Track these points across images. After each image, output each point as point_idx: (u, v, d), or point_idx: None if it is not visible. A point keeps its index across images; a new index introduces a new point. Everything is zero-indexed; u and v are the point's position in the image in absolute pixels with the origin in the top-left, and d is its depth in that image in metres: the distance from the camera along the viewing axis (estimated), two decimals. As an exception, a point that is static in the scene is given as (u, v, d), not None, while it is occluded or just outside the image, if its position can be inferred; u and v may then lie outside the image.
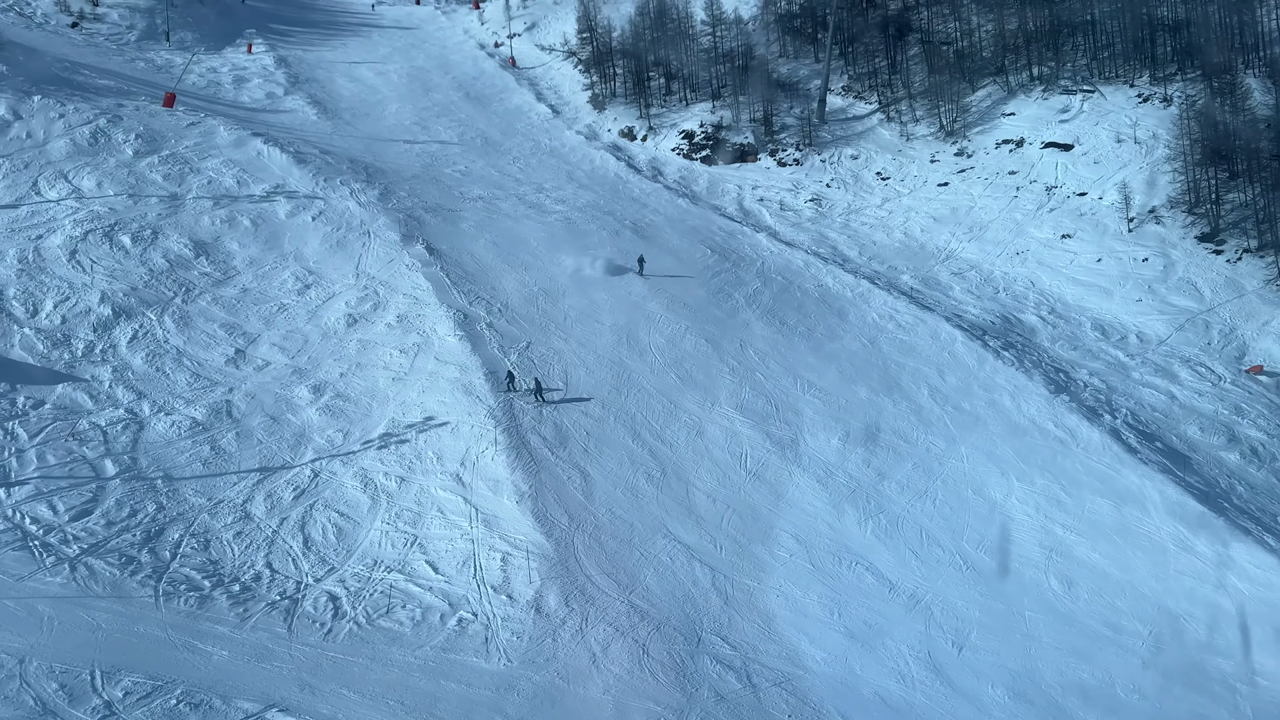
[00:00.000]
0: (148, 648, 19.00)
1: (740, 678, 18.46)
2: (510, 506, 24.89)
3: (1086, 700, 17.48)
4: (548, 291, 35.60)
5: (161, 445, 27.37)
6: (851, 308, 36.31)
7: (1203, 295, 37.80)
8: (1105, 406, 30.32)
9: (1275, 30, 45.32)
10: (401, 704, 17.28)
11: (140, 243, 36.26)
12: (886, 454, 27.39)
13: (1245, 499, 26.08)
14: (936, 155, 49.19)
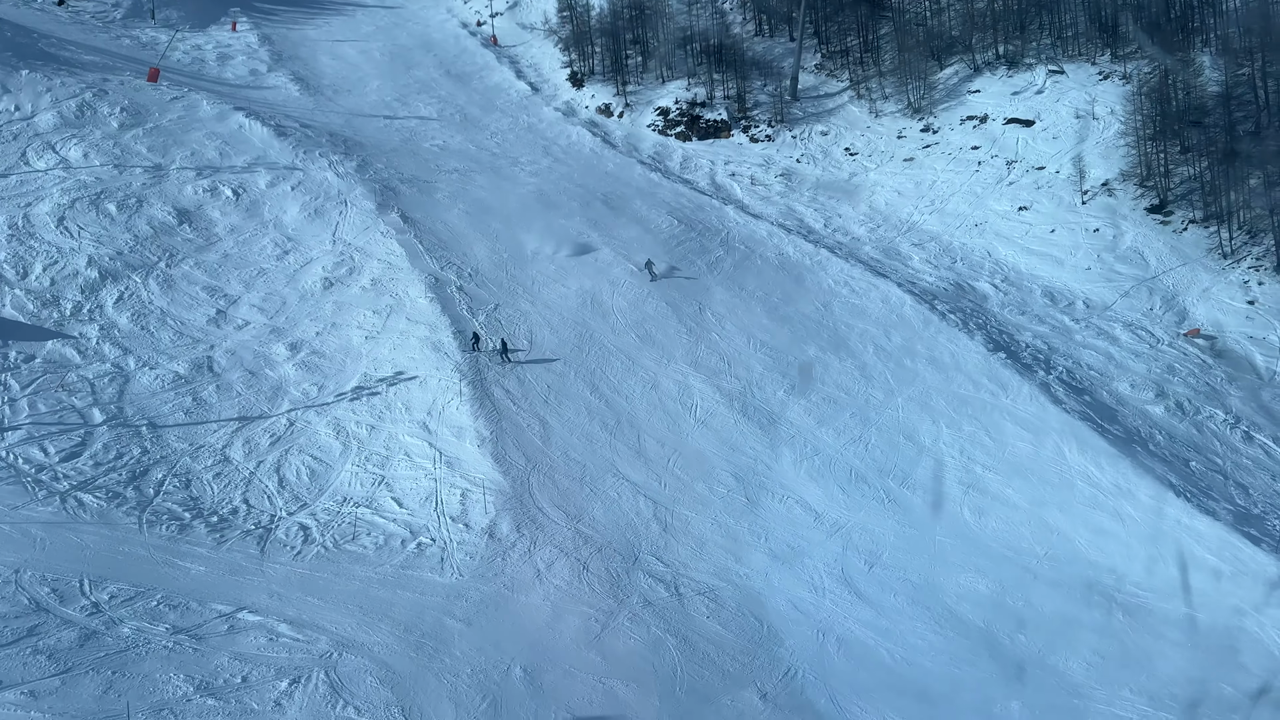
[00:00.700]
0: (131, 563, 21.40)
1: (669, 589, 20.90)
2: (472, 450, 27.28)
3: (977, 606, 19.91)
4: (517, 258, 37.92)
5: (146, 396, 29.73)
6: (809, 274, 38.65)
7: (1149, 263, 40.18)
8: (1042, 364, 32.72)
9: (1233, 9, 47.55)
10: (360, 608, 19.70)
11: (125, 210, 38.52)
12: (827, 404, 29.81)
13: (1162, 445, 28.52)
14: (903, 131, 51.50)
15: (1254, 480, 27.76)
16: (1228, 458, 28.88)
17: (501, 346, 31.49)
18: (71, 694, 15.84)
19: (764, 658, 18.26)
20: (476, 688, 16.83)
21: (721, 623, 19.55)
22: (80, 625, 18.20)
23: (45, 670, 16.55)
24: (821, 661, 18.14)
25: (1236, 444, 29.81)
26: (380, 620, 19.16)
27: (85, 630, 18.03)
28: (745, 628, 19.34)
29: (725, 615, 19.81)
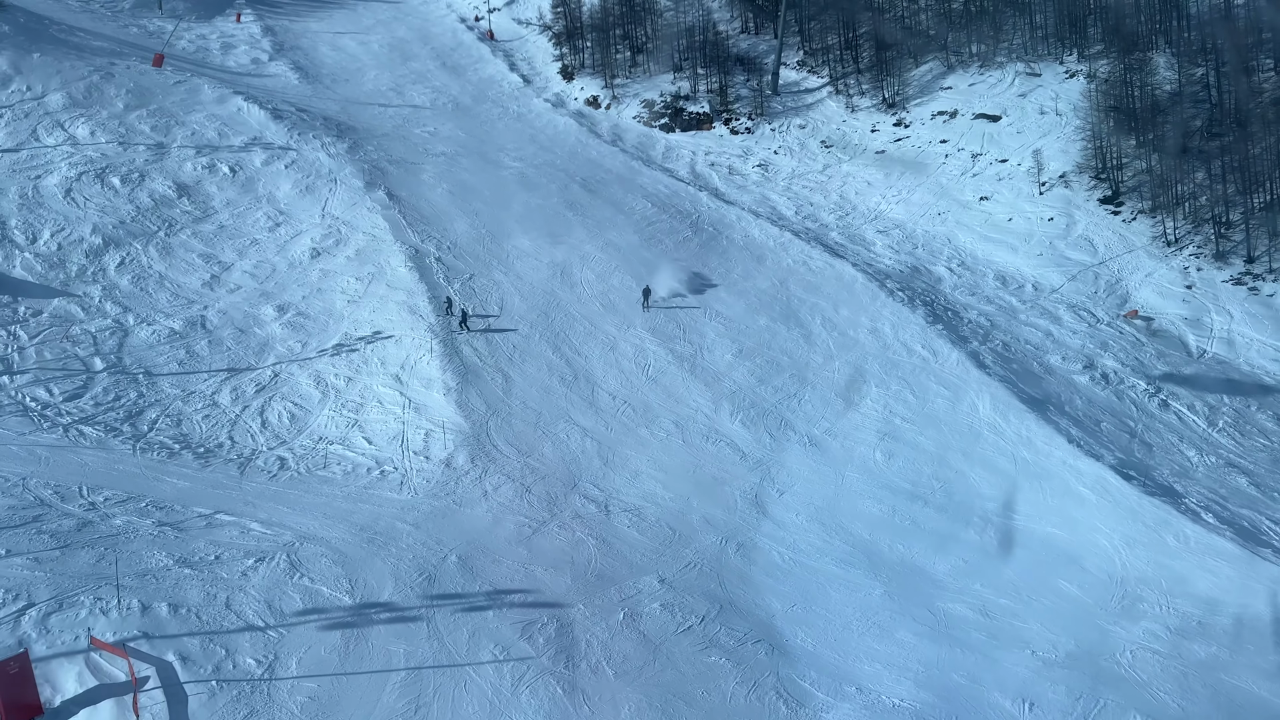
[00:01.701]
0: (125, 477, 24.81)
1: (600, 507, 24.19)
2: (438, 398, 30.64)
3: (867, 524, 23.08)
4: (494, 234, 41.39)
5: (143, 348, 33.27)
6: (770, 255, 41.94)
7: (1097, 250, 43.31)
8: (979, 337, 35.88)
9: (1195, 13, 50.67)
10: (323, 514, 23.04)
11: (129, 184, 42.20)
12: (769, 367, 33.07)
13: (1078, 408, 31.62)
14: (877, 125, 54.78)
15: (1160, 440, 30.83)
16: (1141, 420, 31.95)
17: (461, 316, 34.56)
18: (69, 562, 19.20)
19: (669, 555, 21.49)
20: (415, 568, 20.11)
21: (639, 531, 22.81)
22: (78, 517, 21.60)
23: (48, 545, 19.93)
24: (719, 559, 21.34)
25: (1153, 410, 32.86)
26: (340, 522, 22.50)
27: (82, 520, 21.43)
28: (659, 535, 22.58)
29: (644, 526, 23.07)
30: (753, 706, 15.90)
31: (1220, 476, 28.89)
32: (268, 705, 15.48)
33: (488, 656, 16.85)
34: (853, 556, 21.61)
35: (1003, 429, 28.24)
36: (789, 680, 16.60)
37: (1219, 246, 41.58)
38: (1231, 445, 31.48)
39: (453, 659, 16.82)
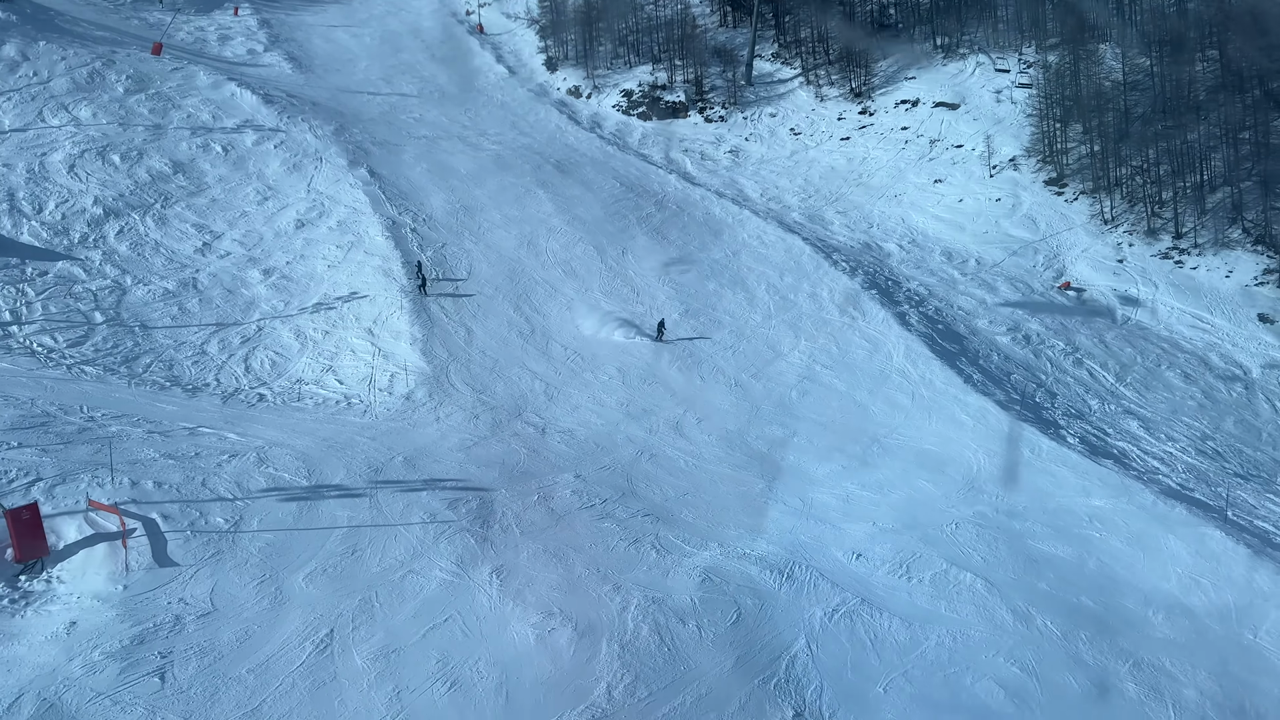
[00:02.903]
0: (120, 402, 28.96)
1: (537, 430, 28.24)
2: (405, 347, 34.76)
3: (769, 443, 27.02)
4: (468, 208, 45.65)
5: (139, 305, 37.50)
6: (727, 230, 46.07)
7: (1039, 228, 47.27)
8: (913, 303, 39.82)
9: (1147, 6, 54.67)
10: (293, 431, 27.15)
11: (128, 161, 46.61)
12: (712, 324, 37.12)
13: (993, 362, 35.53)
14: (843, 114, 58.90)
15: (1067, 391, 34.71)
16: (1052, 375, 35.85)
17: (421, 280, 38.51)
18: (71, 453, 23.34)
19: (589, 460, 25.49)
20: (365, 464, 24.18)
21: (568, 445, 26.84)
22: (78, 424, 25.78)
23: (53, 441, 24.10)
24: (632, 464, 25.33)
25: (1066, 367, 36.76)
26: (306, 435, 26.61)
27: (82, 427, 25.60)
28: (583, 448, 26.61)
29: (573, 442, 27.11)
30: (630, 554, 19.85)
31: (1113, 419, 32.74)
32: (232, 548, 19.55)
33: (416, 520, 20.89)
34: (747, 463, 25.59)
35: (910, 373, 32.20)
36: (664, 538, 20.55)
37: (1150, 224, 45.49)
38: (1134, 397, 35.35)
39: (388, 520, 20.87)
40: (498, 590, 18.26)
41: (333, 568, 18.97)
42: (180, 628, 17.00)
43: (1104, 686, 16.58)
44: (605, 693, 15.79)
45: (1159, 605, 18.96)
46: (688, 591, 18.41)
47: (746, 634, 17.40)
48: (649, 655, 16.61)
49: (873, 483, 23.95)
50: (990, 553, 20.29)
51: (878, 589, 18.97)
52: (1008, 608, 18.47)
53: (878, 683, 16.49)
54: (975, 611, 18.35)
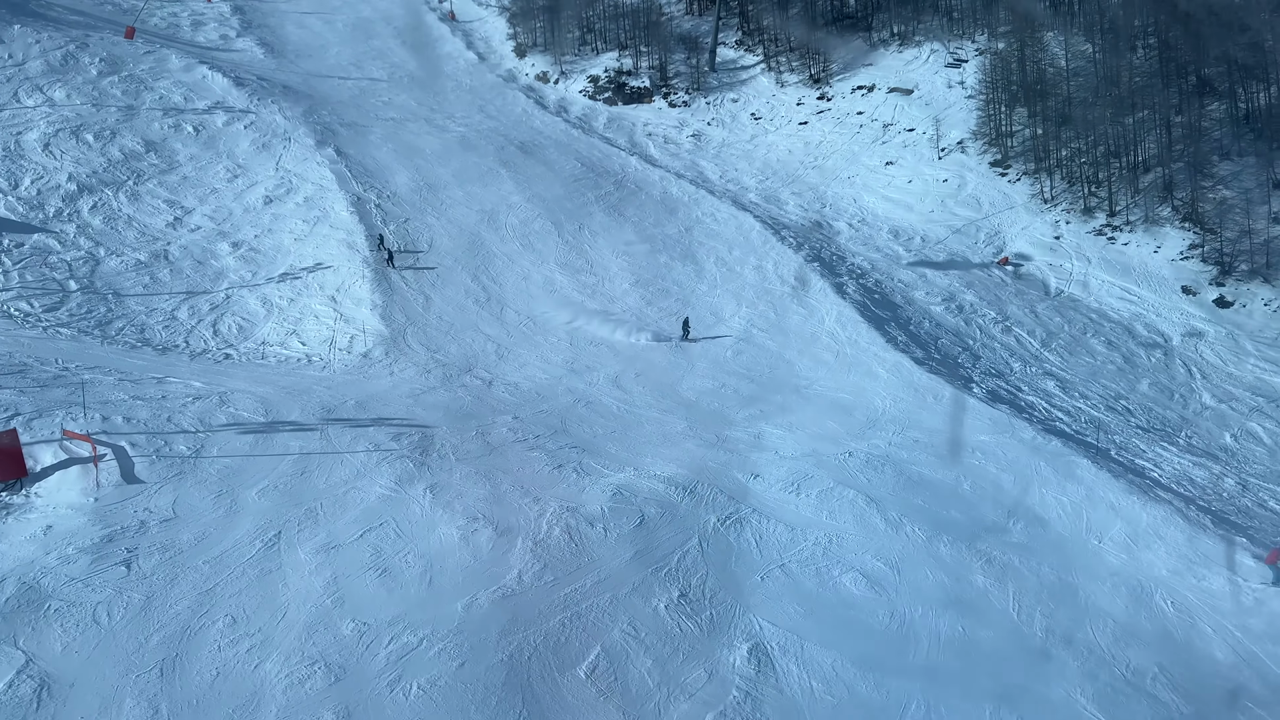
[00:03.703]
0: (93, 357, 31.48)
1: (484, 383, 30.93)
2: (366, 312, 37.39)
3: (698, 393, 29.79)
4: (431, 186, 48.28)
5: (112, 275, 39.99)
6: (683, 208, 48.84)
7: (982, 207, 50.20)
8: (853, 275, 42.64)
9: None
10: (255, 380, 29.75)
11: (101, 140, 49.05)
12: (660, 294, 39.88)
13: (924, 329, 38.37)
14: (802, 99, 61.76)
15: (991, 355, 37.60)
16: (980, 340, 38.74)
17: (388, 255, 41.15)
18: (46, 394, 25.86)
19: (527, 407, 28.19)
20: (318, 406, 26.79)
21: (511, 395, 29.55)
22: (54, 373, 28.31)
23: (30, 385, 26.62)
24: (568, 410, 28.03)
25: (995, 334, 39.67)
26: (266, 384, 29.23)
27: (57, 375, 28.14)
28: (525, 397, 29.31)
29: (516, 392, 29.83)
30: (553, 476, 22.53)
31: (1031, 380, 35.64)
32: (194, 470, 22.16)
33: (362, 449, 23.53)
34: (674, 409, 28.33)
35: (839, 335, 35.04)
36: (586, 464, 23.24)
37: (1087, 203, 48.48)
38: (1057, 361, 38.28)
39: (335, 449, 23.51)
40: (430, 502, 20.94)
41: (283, 485, 21.60)
42: (145, 530, 19.61)
43: (956, 577, 19.32)
44: (517, 577, 18.47)
45: (1019, 517, 21.76)
46: (599, 502, 21.10)
47: (647, 535, 20.11)
48: (558, 550, 19.30)
49: (785, 423, 26.70)
50: (875, 475, 23.04)
51: (769, 502, 21.70)
52: (882, 517, 21.22)
53: (757, 573, 19.22)
54: (852, 520, 21.09)
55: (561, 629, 17.18)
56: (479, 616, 17.32)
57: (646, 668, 16.55)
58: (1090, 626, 18.29)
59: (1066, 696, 16.63)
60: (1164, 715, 16.34)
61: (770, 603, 18.25)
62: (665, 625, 17.52)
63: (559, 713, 15.48)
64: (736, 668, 16.71)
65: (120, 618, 17.06)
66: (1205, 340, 40.83)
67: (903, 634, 17.71)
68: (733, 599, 18.28)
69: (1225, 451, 32.80)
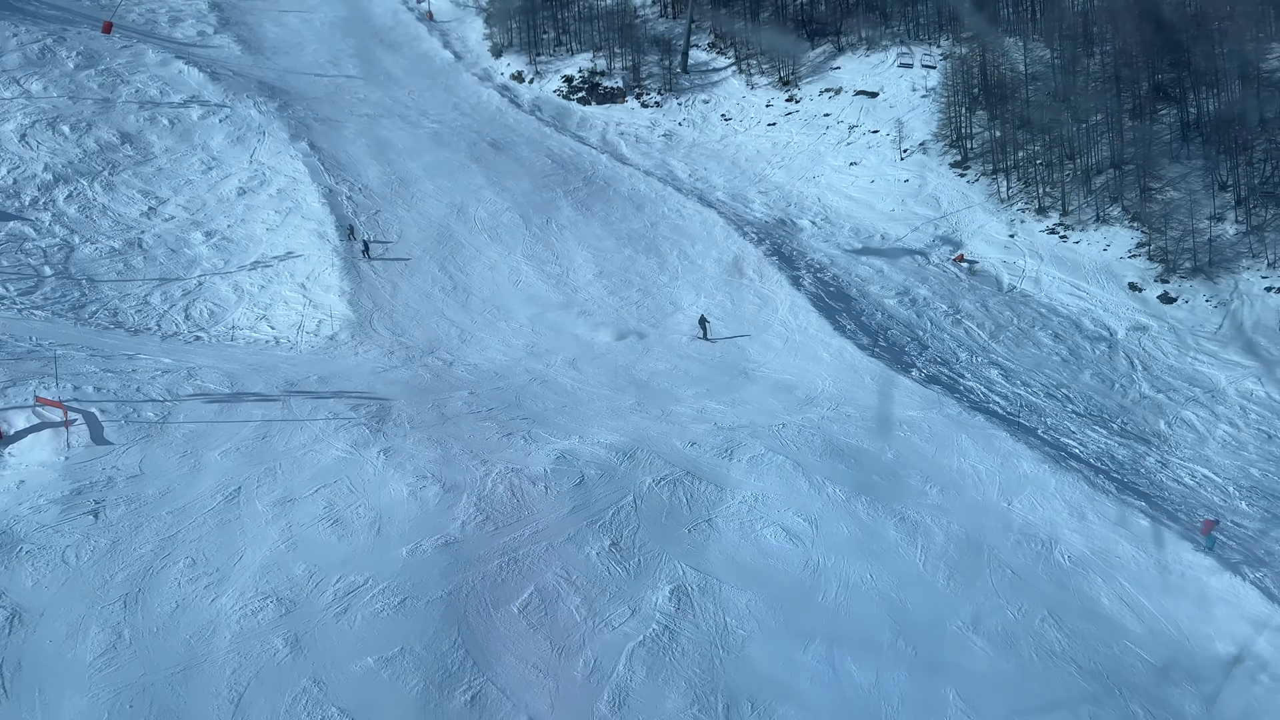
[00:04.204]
0: (66, 336, 32.95)
1: (445, 363, 32.57)
2: (334, 298, 38.97)
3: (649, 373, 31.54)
4: (403, 179, 49.94)
5: (87, 261, 41.47)
6: (649, 204, 50.65)
7: (941, 206, 52.21)
8: (811, 269, 44.48)
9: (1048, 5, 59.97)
10: (222, 359, 31.31)
11: (77, 131, 50.54)
12: (623, 285, 41.63)
13: (875, 320, 40.19)
14: (771, 101, 63.75)
15: (940, 345, 39.46)
16: (929, 331, 40.61)
17: (364, 246, 42.79)
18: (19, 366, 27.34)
19: (484, 384, 29.86)
20: (282, 380, 28.37)
21: (469, 373, 31.22)
22: (27, 347, 29.79)
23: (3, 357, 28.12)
24: (523, 387, 29.75)
25: (945, 325, 41.56)
26: (233, 362, 30.79)
27: (30, 349, 29.63)
28: (483, 376, 30.99)
29: (475, 372, 31.49)
30: (501, 442, 24.17)
31: (976, 368, 37.52)
32: (160, 433, 23.72)
33: (321, 417, 25.15)
34: (626, 387, 30.07)
35: (790, 323, 36.88)
36: (535, 433, 24.92)
37: (1041, 203, 50.56)
38: (1003, 351, 40.21)
39: (296, 418, 25.11)
40: (382, 463, 22.57)
41: (245, 447, 23.19)
42: (112, 484, 21.17)
43: (870, 533, 21.04)
44: (460, 527, 20.12)
45: (936, 481, 23.51)
46: (542, 464, 22.77)
47: (585, 493, 21.79)
48: (500, 504, 20.96)
49: (727, 400, 28.46)
50: (805, 443, 24.78)
51: (703, 466, 23.40)
52: (807, 480, 22.95)
53: (686, 526, 20.92)
54: (779, 482, 22.81)
55: (498, 571, 18.84)
56: (422, 560, 18.96)
57: (575, 605, 18.22)
58: (990, 575, 20.05)
59: (959, 633, 18.37)
60: (1045, 649, 18.10)
61: (695, 552, 19.95)
62: (596, 569, 19.19)
63: (491, 642, 17.13)
64: (658, 605, 18.41)
65: (87, 559, 18.61)
66: (1148, 334, 42.83)
67: (814, 579, 19.43)
68: (660, 548, 19.97)
69: (1158, 437, 34.73)
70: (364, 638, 16.90)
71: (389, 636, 16.94)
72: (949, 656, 17.50)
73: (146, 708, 15.19)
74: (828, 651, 17.34)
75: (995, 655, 17.78)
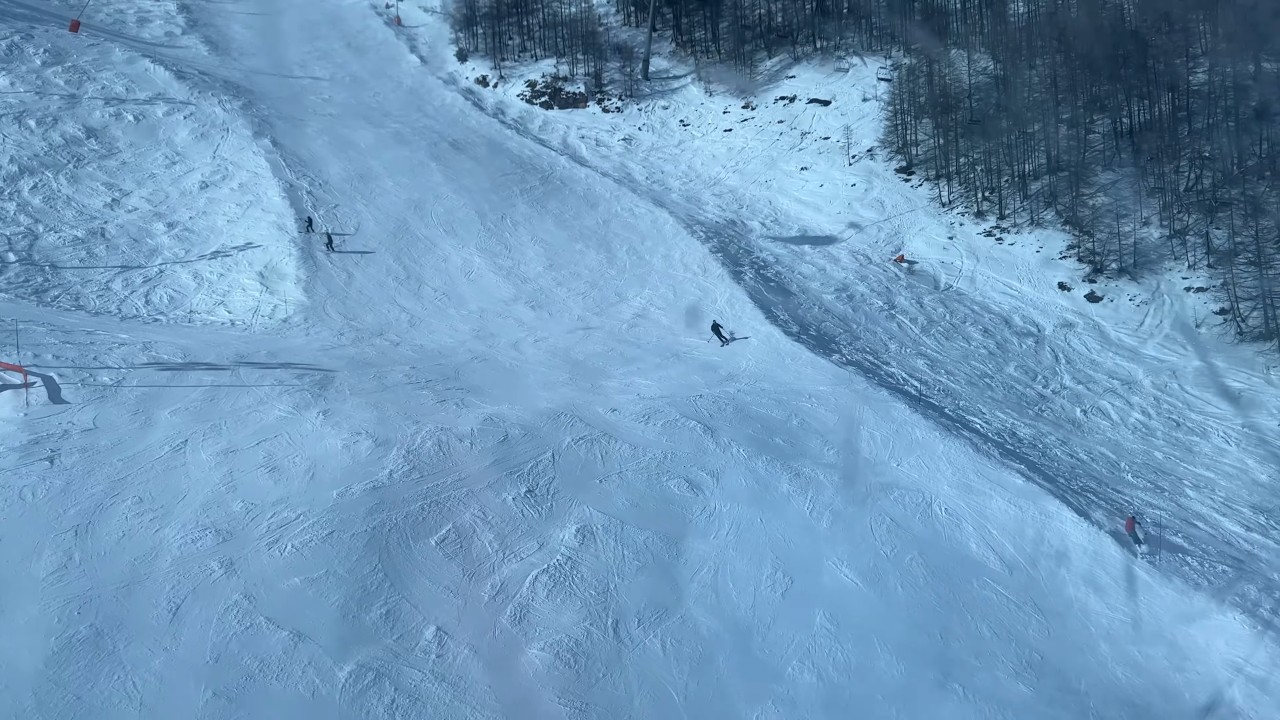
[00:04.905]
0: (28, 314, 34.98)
1: (392, 344, 34.83)
2: (291, 286, 41.18)
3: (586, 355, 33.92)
4: (363, 176, 52.25)
5: (50, 249, 43.50)
6: (603, 203, 53.15)
7: (885, 209, 54.97)
8: (755, 266, 47.02)
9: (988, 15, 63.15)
10: (175, 334, 33.45)
11: (43, 125, 52.59)
12: (572, 277, 44.04)
13: (813, 313, 42.73)
14: (728, 108, 66.54)
15: (871, 336, 42.01)
16: (862, 324, 43.18)
17: (327, 239, 45.03)
18: (-14, 338, 29.50)
19: (428, 361, 32.14)
20: (233, 353, 30.58)
21: (414, 352, 33.50)
22: (-8, 323, 31.88)
23: (-30, 330, 30.20)
24: (464, 364, 32.01)
25: (879, 319, 44.13)
26: (187, 339, 32.95)
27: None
28: (427, 354, 33.27)
29: (420, 351, 33.77)
30: (435, 407, 26.45)
31: (902, 358, 40.07)
32: (114, 395, 25.85)
33: (267, 384, 27.35)
34: (562, 365, 32.44)
35: (726, 312, 39.34)
36: (468, 400, 27.20)
37: (980, 207, 53.41)
38: (932, 344, 42.79)
39: (244, 383, 27.32)
40: (321, 422, 24.80)
41: (193, 408, 25.37)
42: (68, 436, 23.30)
43: (766, 485, 23.42)
44: (388, 475, 22.37)
45: (834, 445, 25.93)
46: (470, 425, 25.07)
47: (508, 449, 24.09)
48: (428, 457, 23.23)
49: (656, 378, 30.88)
50: (718, 411, 27.19)
51: (620, 428, 25.74)
52: (715, 441, 25.33)
53: (598, 478, 23.24)
54: (688, 443, 25.17)
55: (420, 511, 21.10)
56: (350, 501, 21.20)
57: (489, 540, 20.51)
58: (870, 522, 22.43)
59: (833, 567, 20.72)
60: (910, 582, 20.48)
61: (603, 499, 22.27)
62: (510, 511, 21.49)
63: (409, 568, 19.38)
64: (564, 541, 20.70)
65: (43, 496, 20.75)
66: (1075, 330, 45.56)
67: (709, 522, 21.77)
68: (572, 495, 22.28)
69: (1072, 423, 37.35)
70: (293, 563, 19.10)
71: (315, 562, 19.16)
72: (822, 585, 19.86)
73: (92, 614, 17.32)
74: (713, 578, 19.68)
75: (864, 586, 20.16)
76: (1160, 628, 19.62)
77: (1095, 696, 18.12)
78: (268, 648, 17.03)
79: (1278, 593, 22.33)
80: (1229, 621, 19.68)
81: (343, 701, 16.34)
